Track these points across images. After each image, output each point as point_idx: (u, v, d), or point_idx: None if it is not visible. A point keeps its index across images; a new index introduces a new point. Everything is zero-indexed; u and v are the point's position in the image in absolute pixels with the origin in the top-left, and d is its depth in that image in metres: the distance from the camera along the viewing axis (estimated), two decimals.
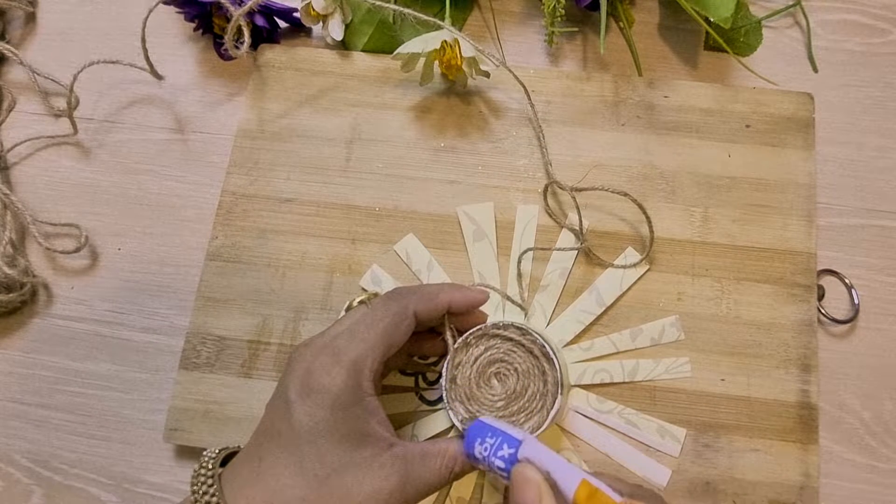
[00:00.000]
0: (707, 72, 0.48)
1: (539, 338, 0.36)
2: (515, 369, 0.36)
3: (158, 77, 0.48)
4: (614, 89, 0.45)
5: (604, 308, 0.41)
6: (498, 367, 0.36)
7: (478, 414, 0.35)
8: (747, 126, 0.44)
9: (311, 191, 0.44)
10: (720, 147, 0.44)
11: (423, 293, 0.35)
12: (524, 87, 0.43)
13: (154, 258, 0.44)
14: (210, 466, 0.31)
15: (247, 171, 0.44)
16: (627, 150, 0.44)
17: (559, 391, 0.35)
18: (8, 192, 0.44)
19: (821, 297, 0.42)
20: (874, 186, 0.45)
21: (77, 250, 0.43)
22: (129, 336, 0.43)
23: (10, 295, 0.42)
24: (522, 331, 0.36)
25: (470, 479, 0.38)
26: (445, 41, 0.42)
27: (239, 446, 0.33)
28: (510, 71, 0.43)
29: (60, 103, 0.48)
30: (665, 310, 0.41)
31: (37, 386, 0.42)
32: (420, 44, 0.42)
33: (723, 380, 0.40)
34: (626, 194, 0.40)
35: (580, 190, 0.42)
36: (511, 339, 0.36)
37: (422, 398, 0.40)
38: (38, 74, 0.47)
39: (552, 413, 0.35)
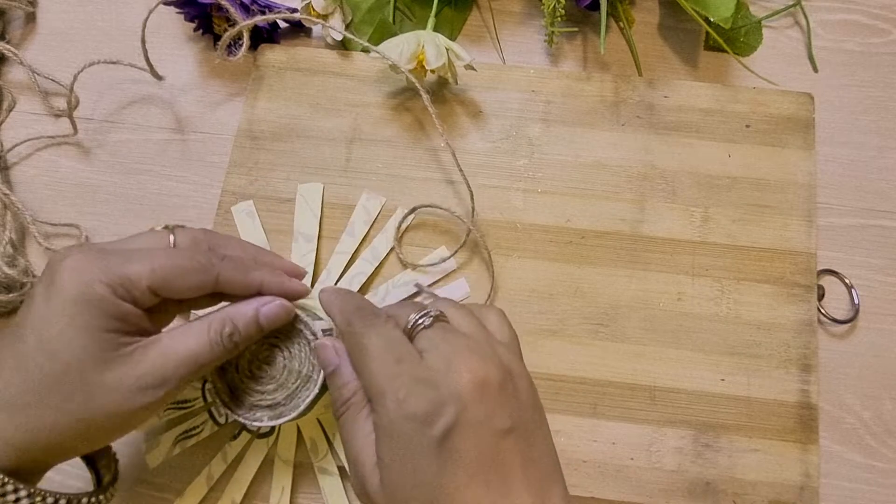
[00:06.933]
0: (707, 72, 0.48)
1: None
2: (276, 345, 0.33)
3: (158, 77, 0.48)
4: (614, 89, 0.45)
5: (379, 260, 0.42)
6: (261, 352, 0.33)
7: (256, 405, 0.33)
8: (747, 126, 0.44)
9: None
10: (720, 147, 0.44)
11: (237, 263, 0.30)
12: (427, 77, 0.42)
13: None
14: None
15: (247, 171, 0.44)
16: (627, 150, 0.44)
17: (332, 334, 0.33)
18: (8, 192, 0.44)
19: (821, 297, 0.42)
20: (874, 186, 0.45)
21: None
22: None
23: (10, 295, 0.42)
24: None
25: None
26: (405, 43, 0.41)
27: None
28: (471, 66, 0.42)
29: (60, 103, 0.48)
30: (665, 309, 0.41)
31: None
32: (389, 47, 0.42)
33: (723, 380, 0.40)
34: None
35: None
36: None
37: (214, 420, 0.38)
38: (38, 74, 0.47)
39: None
